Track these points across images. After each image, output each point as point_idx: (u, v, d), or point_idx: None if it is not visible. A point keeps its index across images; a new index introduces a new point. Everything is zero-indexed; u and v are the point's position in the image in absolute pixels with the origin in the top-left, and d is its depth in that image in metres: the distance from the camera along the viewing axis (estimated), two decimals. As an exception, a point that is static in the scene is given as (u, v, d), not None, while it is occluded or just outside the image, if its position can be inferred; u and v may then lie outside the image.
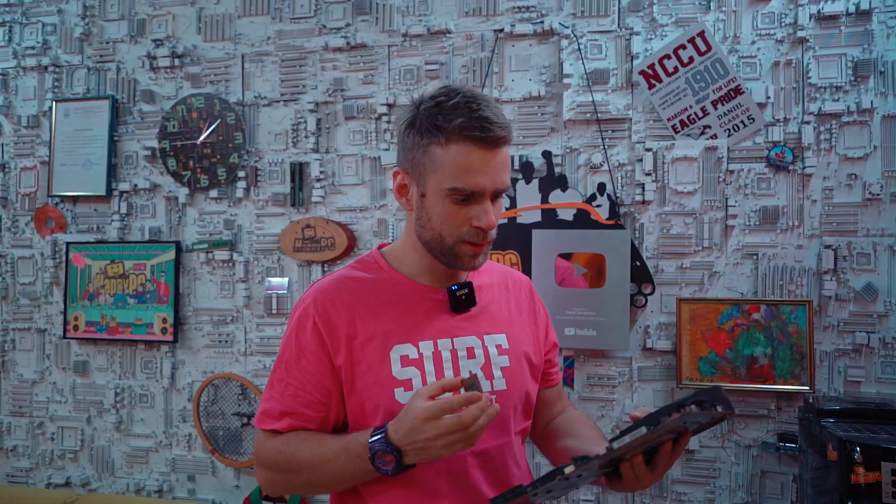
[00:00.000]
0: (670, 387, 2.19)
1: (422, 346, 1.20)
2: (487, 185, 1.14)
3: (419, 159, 1.18)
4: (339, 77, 2.46)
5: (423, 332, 1.21)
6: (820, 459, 1.70)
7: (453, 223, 1.16)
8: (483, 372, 1.22)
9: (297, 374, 1.21)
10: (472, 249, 1.18)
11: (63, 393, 2.68)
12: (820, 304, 2.11)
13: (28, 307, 2.72)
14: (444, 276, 1.26)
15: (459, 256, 1.19)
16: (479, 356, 1.23)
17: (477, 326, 1.25)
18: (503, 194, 1.21)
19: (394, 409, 1.16)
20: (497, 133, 1.14)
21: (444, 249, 1.19)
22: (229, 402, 2.49)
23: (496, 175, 1.15)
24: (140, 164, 2.63)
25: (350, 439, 1.13)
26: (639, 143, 2.23)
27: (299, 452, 1.17)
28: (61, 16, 2.71)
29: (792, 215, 2.14)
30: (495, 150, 1.15)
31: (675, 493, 2.19)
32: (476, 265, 1.20)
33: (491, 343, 1.25)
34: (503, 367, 1.24)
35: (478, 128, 1.13)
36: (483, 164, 1.14)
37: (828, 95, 2.12)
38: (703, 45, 2.16)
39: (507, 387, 1.23)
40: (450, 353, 1.21)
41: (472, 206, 1.15)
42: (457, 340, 1.22)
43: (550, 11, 2.31)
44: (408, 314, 1.22)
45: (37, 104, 2.73)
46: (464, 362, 1.21)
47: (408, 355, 1.19)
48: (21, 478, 2.72)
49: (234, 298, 2.53)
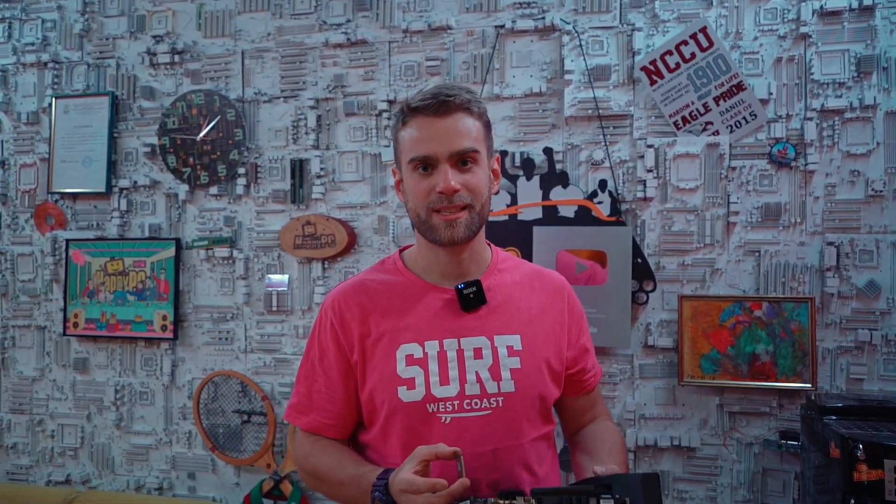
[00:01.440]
0: (671, 384, 2.19)
1: (427, 346, 1.22)
2: (439, 150, 1.18)
3: (396, 149, 1.27)
4: (339, 73, 2.45)
5: (429, 332, 1.23)
6: (822, 457, 1.69)
7: (421, 194, 1.21)
8: (490, 373, 1.22)
9: (321, 372, 1.28)
10: (444, 218, 1.20)
11: (63, 390, 2.67)
12: (822, 302, 2.10)
13: (28, 304, 2.72)
14: (453, 275, 1.28)
15: (435, 227, 1.21)
16: (486, 357, 1.23)
17: (488, 326, 1.25)
18: (472, 160, 1.21)
19: (396, 406, 1.18)
20: (443, 99, 1.18)
21: (423, 225, 1.23)
22: (229, 400, 2.49)
23: (447, 140, 1.18)
24: (140, 161, 2.63)
25: (362, 472, 1.20)
26: (640, 140, 2.22)
27: (322, 465, 1.26)
28: (61, 12, 2.70)
29: (794, 212, 2.13)
30: (444, 116, 1.18)
31: (677, 491, 2.18)
32: (456, 236, 1.21)
33: (501, 344, 1.24)
34: (513, 369, 1.23)
35: (426, 99, 1.19)
36: (432, 131, 1.18)
37: (830, 92, 2.11)
38: (706, 41, 2.15)
39: (516, 389, 1.23)
40: (455, 354, 1.22)
41: (434, 174, 1.19)
42: (464, 341, 1.23)
43: (552, 7, 2.30)
44: (417, 314, 1.24)
45: (36, 101, 2.72)
46: (470, 363, 1.22)
47: (413, 354, 1.21)
48: (21, 475, 2.72)
49: (234, 296, 2.53)
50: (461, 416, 1.20)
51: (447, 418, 1.20)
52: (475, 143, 1.21)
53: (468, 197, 1.20)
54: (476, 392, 1.21)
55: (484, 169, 1.23)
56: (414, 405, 1.20)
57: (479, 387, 1.21)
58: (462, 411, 1.20)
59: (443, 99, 1.18)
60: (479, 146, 1.22)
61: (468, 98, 1.21)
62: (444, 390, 1.20)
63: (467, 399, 1.21)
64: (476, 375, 1.22)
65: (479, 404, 1.21)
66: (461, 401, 1.21)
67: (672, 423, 2.19)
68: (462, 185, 1.19)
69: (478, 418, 1.21)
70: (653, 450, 2.20)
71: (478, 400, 1.21)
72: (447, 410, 1.20)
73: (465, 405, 1.21)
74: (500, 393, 1.22)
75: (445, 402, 1.20)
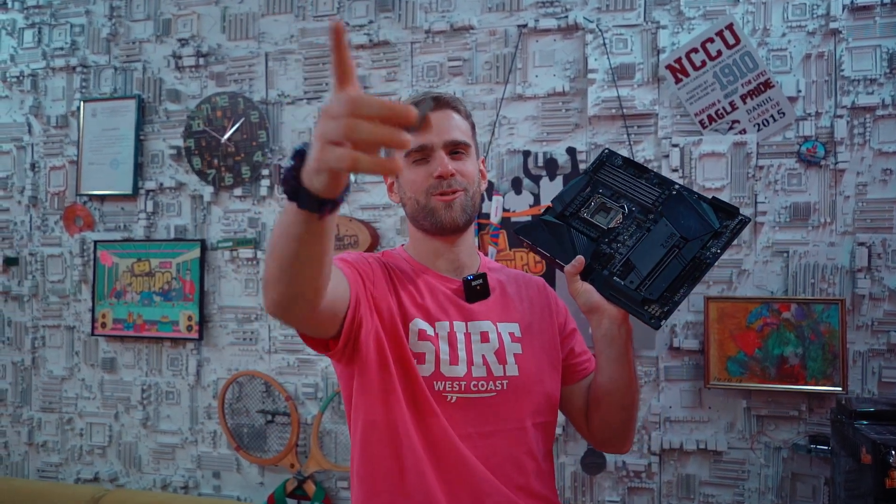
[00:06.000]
0: (698, 387, 2.15)
1: (438, 326, 1.25)
2: (433, 139, 1.25)
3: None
4: (362, 74, 2.45)
5: (438, 314, 1.26)
6: (853, 462, 1.65)
7: (419, 182, 1.26)
8: (496, 357, 1.25)
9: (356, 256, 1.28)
10: (442, 199, 1.26)
11: (91, 389, 2.72)
12: (853, 303, 2.06)
13: (57, 304, 2.76)
14: (451, 267, 1.32)
15: (435, 210, 1.26)
16: (493, 340, 1.26)
17: (491, 313, 1.29)
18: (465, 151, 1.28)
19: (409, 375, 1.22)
20: (433, 97, 1.27)
21: (422, 211, 1.27)
22: (253, 400, 2.51)
23: (441, 130, 1.26)
24: (166, 163, 2.66)
25: None
26: (665, 139, 2.20)
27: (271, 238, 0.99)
28: (89, 17, 2.75)
29: (824, 212, 2.09)
30: (437, 110, 1.27)
31: (703, 495, 2.15)
32: (455, 216, 1.26)
33: (504, 330, 1.28)
34: (516, 354, 1.27)
35: (417, 99, 1.27)
36: None
37: (861, 88, 2.06)
38: (732, 39, 2.12)
39: (519, 374, 1.25)
40: (464, 336, 1.25)
41: (430, 162, 1.26)
42: (471, 324, 1.27)
43: (575, 6, 2.28)
44: (426, 296, 1.28)
45: (65, 104, 2.77)
46: (477, 346, 1.25)
47: (425, 331, 1.24)
48: (51, 473, 2.77)
49: (258, 296, 2.54)
50: (467, 396, 1.22)
51: (453, 398, 1.22)
52: (466, 138, 1.29)
53: (463, 181, 1.26)
54: (482, 374, 1.23)
55: (473, 159, 1.31)
56: (423, 380, 1.22)
57: (486, 369, 1.24)
58: (468, 392, 1.22)
59: (433, 97, 1.26)
60: (469, 141, 1.30)
61: (456, 100, 1.32)
62: (453, 370, 1.22)
63: (474, 381, 1.23)
64: (482, 358, 1.24)
65: (486, 386, 1.23)
66: (468, 382, 1.22)
67: (698, 426, 2.16)
68: (456, 170, 1.26)
69: (482, 399, 1.23)
70: (678, 453, 2.17)
71: (483, 382, 1.23)
72: (454, 390, 1.22)
73: (472, 386, 1.22)
74: (506, 376, 1.24)
75: (453, 381, 1.22)
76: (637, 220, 1.22)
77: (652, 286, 1.17)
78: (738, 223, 1.17)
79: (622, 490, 2.22)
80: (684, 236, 1.18)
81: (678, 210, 1.20)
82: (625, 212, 1.23)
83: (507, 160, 2.33)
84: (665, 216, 1.21)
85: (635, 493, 2.20)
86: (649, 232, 1.21)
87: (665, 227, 1.20)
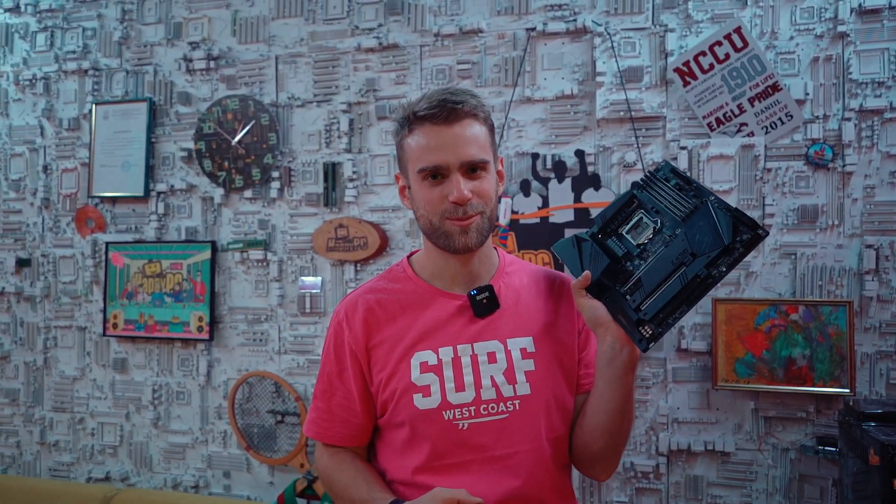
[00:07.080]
0: (705, 388, 2.16)
1: (441, 353, 1.22)
2: (450, 159, 1.17)
3: (401, 156, 1.26)
4: (371, 77, 2.47)
5: (443, 339, 1.23)
6: (861, 464, 1.66)
7: (433, 203, 1.20)
8: (505, 377, 1.22)
9: (338, 386, 1.29)
10: (458, 224, 1.20)
11: (103, 389, 2.74)
12: (861, 305, 2.07)
13: (69, 305, 2.79)
14: (463, 280, 1.28)
15: (450, 234, 1.21)
16: (500, 360, 1.23)
17: (500, 330, 1.25)
18: (484, 167, 1.21)
19: (414, 413, 1.19)
20: (451, 107, 1.17)
21: (436, 232, 1.22)
22: (264, 400, 2.53)
23: (458, 149, 1.17)
24: (177, 165, 2.68)
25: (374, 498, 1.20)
26: (673, 142, 2.21)
27: (337, 482, 1.28)
28: (101, 20, 2.77)
29: (832, 214, 2.10)
30: (453, 124, 1.18)
31: (711, 497, 2.16)
32: (470, 242, 1.21)
33: (514, 347, 1.24)
34: (527, 372, 1.23)
35: (433, 107, 1.17)
36: (441, 140, 1.18)
37: (869, 91, 2.07)
38: (740, 42, 2.13)
39: (532, 391, 1.22)
40: (470, 359, 1.23)
41: (445, 183, 1.19)
42: (477, 346, 1.23)
43: (583, 9, 2.30)
44: (429, 321, 1.25)
45: (77, 107, 2.79)
46: (485, 367, 1.22)
47: (427, 361, 1.22)
48: (63, 472, 2.79)
49: (268, 297, 2.56)
50: (478, 421, 1.20)
51: (464, 424, 1.20)
52: (484, 153, 1.21)
53: (479, 204, 1.20)
54: (492, 396, 1.21)
55: (492, 174, 1.24)
56: (430, 412, 1.20)
57: (495, 391, 1.21)
58: (479, 416, 1.20)
59: (451, 107, 1.17)
60: (487, 155, 1.21)
61: (475, 104, 1.21)
62: (460, 396, 1.20)
63: (483, 404, 1.20)
64: (491, 380, 1.21)
65: (496, 408, 1.21)
66: (477, 406, 1.20)
67: (706, 427, 2.17)
68: (473, 192, 1.19)
69: (495, 422, 1.20)
70: (686, 454, 2.18)
71: (494, 404, 1.21)
72: (464, 417, 1.20)
73: (482, 410, 1.20)
74: (517, 396, 1.21)
75: (462, 408, 1.20)
76: (665, 236, 1.16)
77: (649, 306, 1.13)
78: (751, 237, 1.10)
79: (630, 491, 2.23)
80: (693, 252, 1.12)
81: (698, 224, 1.13)
82: (656, 227, 1.17)
83: (515, 162, 2.34)
84: (685, 230, 1.14)
85: (643, 494, 2.21)
86: (666, 248, 1.15)
87: (682, 242, 1.13)
